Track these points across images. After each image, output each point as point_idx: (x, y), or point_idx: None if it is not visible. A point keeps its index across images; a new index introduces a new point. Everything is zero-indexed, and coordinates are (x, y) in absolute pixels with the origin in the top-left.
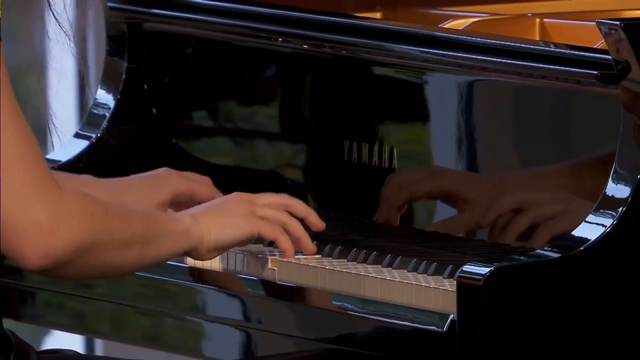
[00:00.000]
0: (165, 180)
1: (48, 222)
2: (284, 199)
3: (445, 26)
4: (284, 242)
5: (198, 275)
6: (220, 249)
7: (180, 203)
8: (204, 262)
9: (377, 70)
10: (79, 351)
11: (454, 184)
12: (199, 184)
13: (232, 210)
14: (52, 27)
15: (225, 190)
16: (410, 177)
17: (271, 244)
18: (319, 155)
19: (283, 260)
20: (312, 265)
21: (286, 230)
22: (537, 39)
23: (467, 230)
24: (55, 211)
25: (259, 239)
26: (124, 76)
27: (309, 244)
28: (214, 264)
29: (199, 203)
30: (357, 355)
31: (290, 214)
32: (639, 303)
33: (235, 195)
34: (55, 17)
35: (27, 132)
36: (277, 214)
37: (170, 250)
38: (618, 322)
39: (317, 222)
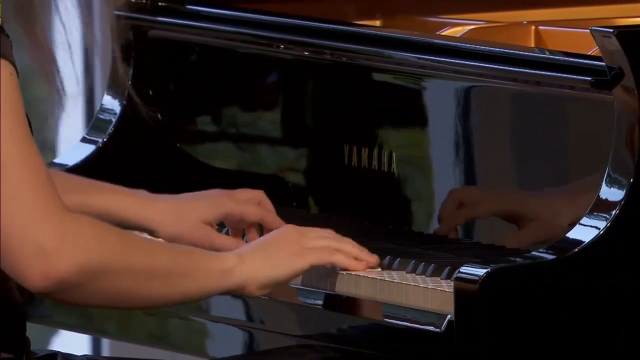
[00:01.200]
0: (214, 201)
1: (50, 243)
2: (332, 237)
3: (442, 33)
4: (342, 261)
5: None
6: (270, 286)
7: (232, 222)
8: None
9: (377, 76)
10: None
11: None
12: (248, 205)
13: (282, 247)
14: (58, 34)
15: None
16: (473, 195)
17: None
18: (320, 159)
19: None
20: (313, 268)
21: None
22: (533, 46)
23: (466, 234)
24: (59, 232)
25: None
26: (129, 82)
27: (369, 258)
28: None
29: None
30: (356, 355)
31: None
32: (632, 303)
33: (285, 229)
34: (62, 24)
35: (34, 154)
36: (325, 242)
37: (208, 287)
38: (612, 321)
39: (370, 258)
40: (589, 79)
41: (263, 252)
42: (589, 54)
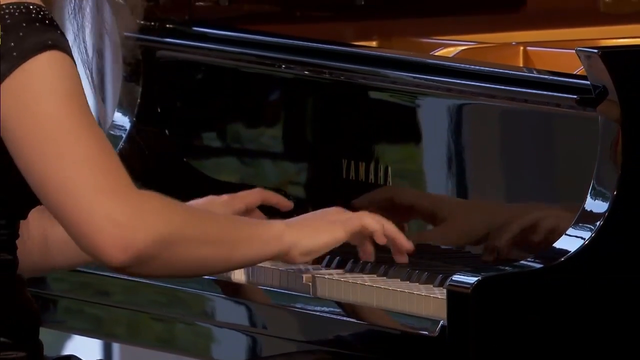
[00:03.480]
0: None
1: (125, 217)
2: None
3: (436, 54)
4: (372, 225)
5: (208, 284)
6: (313, 253)
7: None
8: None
9: (373, 94)
10: (100, 357)
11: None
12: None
13: (323, 218)
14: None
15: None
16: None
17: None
18: (319, 173)
19: (292, 271)
20: (312, 276)
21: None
22: (521, 65)
23: (458, 244)
24: (132, 207)
25: None
26: (139, 100)
27: (405, 243)
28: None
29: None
30: (353, 358)
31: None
32: (615, 309)
33: (328, 208)
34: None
35: (98, 136)
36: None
37: (261, 252)
38: (598, 327)
39: (406, 244)
40: (575, 96)
41: (306, 222)
42: (574, 73)
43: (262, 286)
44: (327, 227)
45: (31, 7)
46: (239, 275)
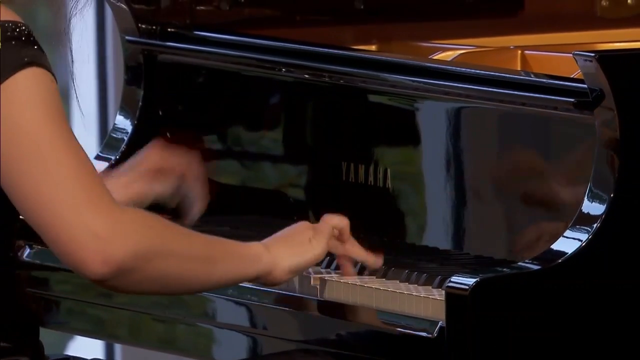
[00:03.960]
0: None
1: (105, 231)
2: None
3: (434, 58)
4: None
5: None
6: (295, 272)
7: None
8: None
9: (372, 98)
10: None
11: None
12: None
13: (300, 235)
14: (75, 60)
15: (234, 209)
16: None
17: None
18: (319, 175)
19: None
20: (313, 277)
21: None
22: (519, 69)
23: (456, 245)
24: (113, 220)
25: None
26: (140, 103)
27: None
28: None
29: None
30: (353, 359)
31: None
32: (612, 310)
33: (297, 224)
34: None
35: (79, 153)
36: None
37: (241, 271)
38: (594, 327)
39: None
40: (572, 100)
41: (283, 241)
42: (571, 76)
43: (262, 287)
44: (304, 243)
45: (6, 25)
46: None
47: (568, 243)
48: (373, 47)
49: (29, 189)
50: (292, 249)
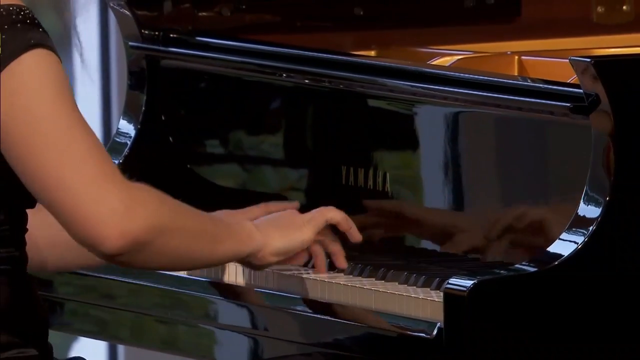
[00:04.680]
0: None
1: (122, 206)
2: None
3: (433, 63)
4: (336, 217)
5: (210, 287)
6: (283, 254)
7: None
8: (220, 275)
9: (371, 102)
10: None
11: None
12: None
13: (289, 220)
14: (78, 65)
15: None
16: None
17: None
18: (319, 179)
19: (294, 275)
20: (313, 279)
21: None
22: (516, 74)
23: (454, 248)
24: (127, 196)
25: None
26: (143, 108)
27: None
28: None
29: None
30: (352, 359)
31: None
32: (608, 311)
33: (288, 212)
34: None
35: (90, 132)
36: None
37: (237, 249)
38: (590, 328)
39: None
40: (568, 104)
41: (274, 223)
42: (567, 81)
43: (262, 289)
44: (295, 228)
45: (11, 8)
46: (240, 278)
47: (564, 245)
48: (372, 53)
49: (46, 169)
50: (281, 231)
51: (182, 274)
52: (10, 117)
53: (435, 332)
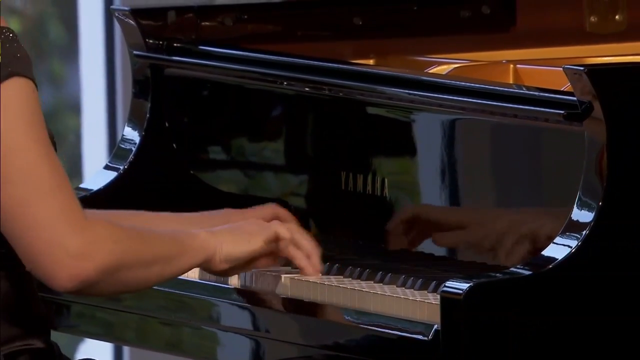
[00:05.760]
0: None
1: (76, 249)
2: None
3: (430, 71)
4: (284, 233)
5: (214, 290)
6: (233, 260)
7: None
8: (224, 279)
9: (370, 110)
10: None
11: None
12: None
13: (244, 229)
14: (85, 73)
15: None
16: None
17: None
18: (319, 184)
19: (294, 277)
20: (313, 282)
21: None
22: (511, 82)
23: (451, 252)
24: (83, 239)
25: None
26: (148, 115)
27: (316, 263)
28: (234, 280)
29: None
30: None
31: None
32: (602, 314)
33: (251, 220)
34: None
35: (58, 167)
36: (282, 230)
37: (191, 262)
38: (584, 330)
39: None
40: (562, 112)
41: (229, 230)
42: (561, 89)
43: (263, 292)
44: (247, 236)
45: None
46: (243, 282)
47: (558, 249)
48: (371, 61)
49: (9, 200)
50: (233, 238)
51: (187, 277)
52: None
53: (432, 334)
